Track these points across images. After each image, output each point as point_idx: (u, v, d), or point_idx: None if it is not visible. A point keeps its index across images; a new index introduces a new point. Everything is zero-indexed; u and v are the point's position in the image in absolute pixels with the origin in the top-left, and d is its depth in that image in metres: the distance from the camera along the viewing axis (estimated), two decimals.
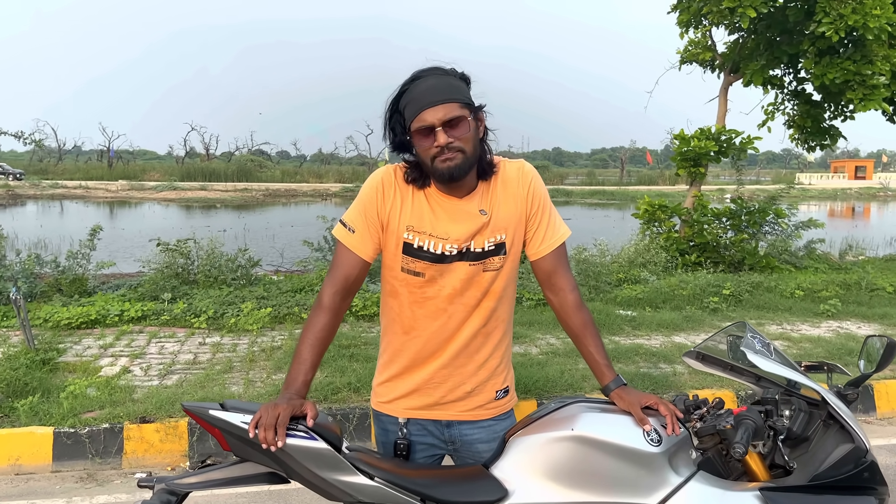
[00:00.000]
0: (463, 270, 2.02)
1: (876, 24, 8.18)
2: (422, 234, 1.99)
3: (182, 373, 5.38)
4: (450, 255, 1.99)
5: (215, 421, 1.84)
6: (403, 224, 2.00)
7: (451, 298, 2.03)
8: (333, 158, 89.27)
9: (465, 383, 2.10)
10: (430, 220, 2.00)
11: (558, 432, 1.89)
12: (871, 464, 1.93)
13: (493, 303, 2.08)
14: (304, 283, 8.25)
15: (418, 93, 1.88)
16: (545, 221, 2.10)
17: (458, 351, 2.07)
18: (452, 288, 2.02)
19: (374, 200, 2.01)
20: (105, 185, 53.88)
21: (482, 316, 2.07)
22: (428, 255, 1.99)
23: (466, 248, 2.01)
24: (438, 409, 2.11)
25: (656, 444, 1.87)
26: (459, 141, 1.89)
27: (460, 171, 1.92)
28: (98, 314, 6.75)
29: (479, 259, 2.02)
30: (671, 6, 11.03)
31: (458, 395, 2.11)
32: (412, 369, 2.10)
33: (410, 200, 2.02)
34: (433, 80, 1.89)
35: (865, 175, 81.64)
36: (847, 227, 26.36)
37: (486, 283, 2.05)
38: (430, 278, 2.02)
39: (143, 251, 10.75)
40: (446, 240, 1.99)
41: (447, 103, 1.87)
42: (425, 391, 2.10)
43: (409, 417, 2.12)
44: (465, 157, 1.91)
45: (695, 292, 7.94)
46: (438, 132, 1.86)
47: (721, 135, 10.38)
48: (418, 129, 1.88)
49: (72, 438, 4.28)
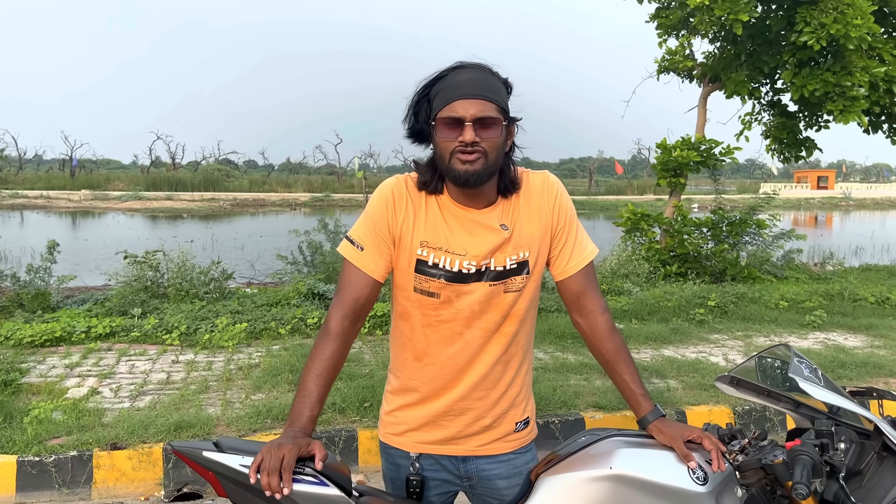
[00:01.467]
0: (482, 291, 1.82)
1: (856, 34, 8.20)
2: (437, 249, 1.79)
3: (155, 393, 5.08)
4: (467, 273, 1.79)
5: (210, 464, 1.62)
6: (417, 239, 1.80)
7: (469, 322, 1.83)
8: (302, 168, 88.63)
9: (483, 417, 1.90)
10: (445, 234, 1.80)
11: (595, 471, 1.69)
12: None
13: (515, 327, 1.88)
14: (279, 297, 7.97)
15: (456, 82, 1.69)
16: (572, 238, 1.91)
17: (476, 381, 1.87)
18: (470, 310, 1.82)
19: (385, 214, 1.80)
20: (67, 194, 52.72)
21: (502, 342, 1.87)
22: (443, 274, 1.79)
23: (486, 267, 1.81)
24: (454, 444, 1.91)
25: (702, 482, 1.69)
26: (486, 143, 1.70)
27: (478, 177, 1.72)
28: (63, 331, 6.41)
29: (500, 279, 1.82)
30: (650, 15, 11.00)
31: (475, 430, 1.90)
32: (425, 400, 1.89)
33: (424, 212, 1.81)
34: (475, 73, 1.71)
35: (827, 185, 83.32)
36: (813, 235, 26.73)
37: (506, 306, 1.85)
38: (446, 299, 1.81)
39: (108, 263, 10.37)
40: (464, 256, 1.79)
41: (484, 100, 1.69)
42: (440, 424, 1.89)
43: (421, 452, 1.90)
44: (485, 163, 1.72)
45: (680, 304, 7.83)
46: (467, 127, 1.67)
47: (701, 145, 10.34)
48: (445, 119, 1.69)
49: (37, 467, 3.98)
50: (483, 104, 1.69)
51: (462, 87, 1.69)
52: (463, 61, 1.74)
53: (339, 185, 66.25)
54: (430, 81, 1.74)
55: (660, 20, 10.58)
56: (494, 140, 1.72)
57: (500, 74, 1.76)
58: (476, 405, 1.88)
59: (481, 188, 1.79)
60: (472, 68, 1.72)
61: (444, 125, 1.70)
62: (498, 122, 1.71)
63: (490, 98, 1.70)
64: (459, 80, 1.70)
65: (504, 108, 1.74)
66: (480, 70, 1.73)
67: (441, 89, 1.71)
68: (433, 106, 1.72)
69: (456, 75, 1.71)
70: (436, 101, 1.72)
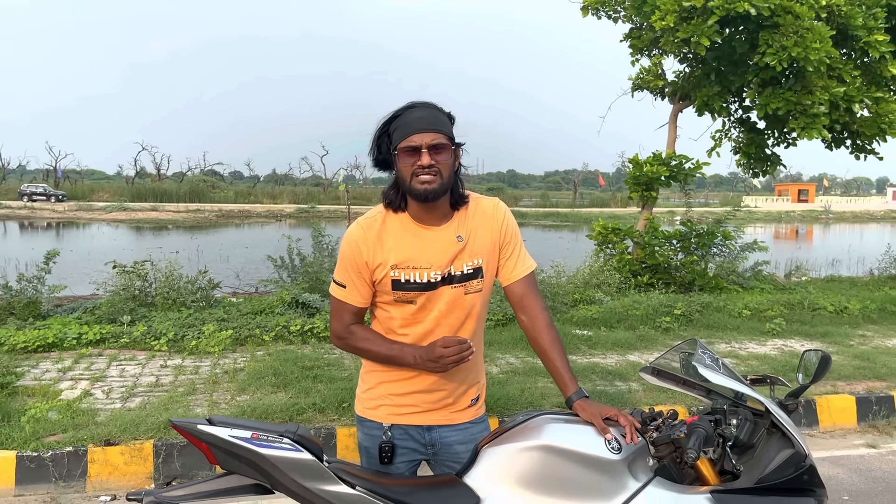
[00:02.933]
0: (448, 294, 2.20)
1: (816, 57, 8.64)
2: (406, 268, 2.17)
3: (145, 395, 5.37)
4: (435, 281, 2.17)
5: (203, 435, 1.93)
6: (388, 265, 2.17)
7: (438, 320, 2.22)
8: (288, 179, 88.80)
9: (448, 396, 2.28)
10: (412, 253, 2.17)
11: (527, 442, 2.03)
12: (811, 467, 2.11)
13: (474, 324, 2.28)
14: (263, 306, 8.26)
15: (411, 119, 2.09)
16: (517, 252, 2.32)
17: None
18: (439, 311, 2.21)
19: (355, 255, 2.19)
20: (52, 205, 52.65)
21: (466, 336, 2.25)
22: (416, 286, 2.17)
23: (448, 273, 2.19)
24: (421, 416, 2.27)
25: (617, 451, 2.03)
26: (439, 165, 2.09)
27: (435, 193, 2.11)
28: (55, 337, 6.67)
29: (461, 282, 2.21)
30: (623, 35, 11.45)
31: (440, 405, 2.28)
32: (398, 381, 2.26)
33: (393, 236, 2.19)
34: (426, 111, 2.11)
35: (808, 198, 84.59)
36: (791, 248, 27.30)
37: (468, 306, 2.24)
38: (421, 305, 2.20)
39: (94, 273, 10.59)
40: (429, 268, 2.17)
41: (435, 132, 2.08)
42: (411, 400, 2.26)
43: (392, 423, 2.25)
44: (441, 182, 2.11)
45: (647, 312, 8.20)
46: (423, 153, 2.06)
47: (672, 160, 10.77)
48: (405, 148, 2.08)
49: (35, 462, 4.25)
50: (434, 135, 2.08)
51: (417, 123, 2.08)
52: (414, 102, 2.14)
53: (325, 196, 66.43)
54: (388, 119, 2.14)
55: (632, 41, 11.02)
56: (446, 162, 2.12)
57: (443, 109, 2.17)
58: (443, 387, 2.26)
59: (436, 203, 2.17)
60: (422, 107, 2.13)
61: (404, 153, 2.09)
62: (447, 147, 2.12)
63: (440, 129, 2.10)
64: (414, 118, 2.09)
65: (450, 136, 2.14)
66: (429, 108, 2.13)
67: (399, 125, 2.10)
68: (393, 139, 2.12)
69: (410, 113, 2.10)
70: (395, 134, 2.11)
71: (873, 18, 9.31)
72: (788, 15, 8.81)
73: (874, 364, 6.57)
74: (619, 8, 11.12)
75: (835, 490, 4.45)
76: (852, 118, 9.87)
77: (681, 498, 2.04)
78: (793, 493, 2.11)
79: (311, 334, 7.14)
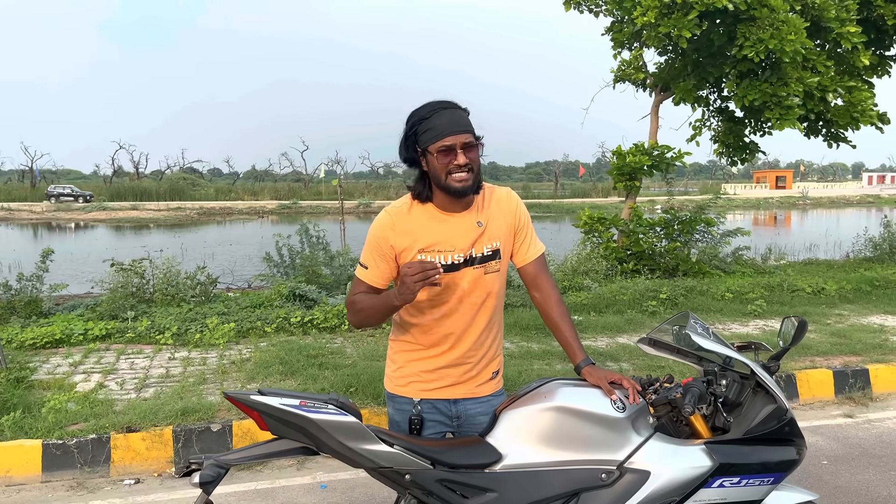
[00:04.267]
0: (470, 275, 2.44)
1: (791, 48, 8.97)
2: (433, 252, 2.40)
3: (157, 385, 5.59)
4: (458, 263, 2.41)
5: (256, 405, 2.16)
6: (416, 248, 2.40)
7: (461, 299, 2.45)
8: (268, 175, 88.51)
9: (471, 370, 2.52)
10: (437, 238, 2.41)
11: (542, 404, 2.29)
12: (791, 420, 2.40)
13: (495, 301, 2.52)
14: (262, 299, 8.47)
15: (442, 121, 2.30)
16: (529, 236, 2.57)
17: (469, 345, 2.49)
18: (462, 290, 2.44)
19: (388, 234, 2.41)
20: (29, 206, 52.20)
21: (487, 314, 2.50)
22: (443, 268, 2.38)
23: (470, 256, 2.43)
24: (448, 390, 2.51)
25: (621, 410, 2.30)
26: (472, 162, 2.33)
27: (470, 189, 2.37)
28: (62, 333, 6.86)
29: (482, 263, 2.45)
30: (605, 28, 11.74)
31: (464, 379, 2.52)
32: (428, 358, 2.50)
33: (419, 223, 2.42)
34: (454, 112, 2.34)
35: (786, 185, 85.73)
36: (770, 234, 27.85)
37: (488, 285, 2.47)
38: (445, 285, 2.43)
39: (83, 273, 10.72)
40: (453, 251, 2.41)
41: (466, 133, 2.31)
42: (438, 376, 2.50)
43: (421, 398, 2.50)
44: (474, 177, 2.36)
45: (634, 297, 8.51)
46: (459, 153, 2.30)
47: (654, 150, 11.09)
48: (441, 149, 2.30)
49: (60, 449, 4.46)
50: (466, 136, 2.32)
51: (448, 125, 2.30)
52: (442, 102, 2.36)
53: (307, 192, 66.38)
54: (416, 121, 2.35)
55: (614, 34, 11.32)
56: (477, 159, 2.37)
57: (462, 106, 2.39)
58: (467, 361, 2.50)
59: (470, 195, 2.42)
60: (449, 108, 2.34)
61: (440, 154, 2.31)
62: (476, 146, 2.36)
63: (469, 130, 2.34)
64: (445, 120, 2.31)
65: (475, 133, 2.37)
66: (455, 108, 2.36)
67: (429, 127, 2.31)
68: (422, 140, 2.33)
69: (440, 116, 2.31)
70: (426, 136, 2.32)
71: (845, 10, 9.65)
72: (764, 8, 9.14)
73: (850, 340, 6.92)
74: (600, 2, 11.41)
75: (814, 456, 4.77)
76: (826, 108, 10.24)
77: (679, 449, 2.32)
78: (775, 443, 2.39)
79: (311, 325, 7.37)
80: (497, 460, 2.26)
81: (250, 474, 4.49)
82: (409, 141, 2.37)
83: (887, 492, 4.20)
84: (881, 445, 4.95)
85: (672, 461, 2.29)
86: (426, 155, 2.34)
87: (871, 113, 10.11)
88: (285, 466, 4.61)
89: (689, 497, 2.28)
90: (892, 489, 4.24)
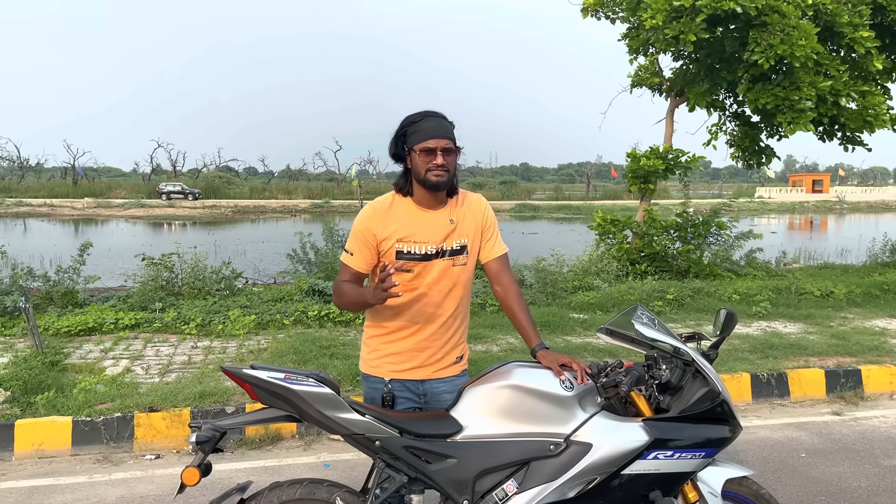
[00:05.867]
0: (440, 265, 2.77)
1: (801, 53, 9.12)
2: (409, 242, 2.74)
3: (179, 371, 6.00)
4: (430, 254, 2.75)
5: (247, 377, 2.50)
6: (395, 238, 2.73)
7: (430, 286, 2.78)
8: (302, 174, 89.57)
9: (436, 353, 2.84)
10: (414, 230, 2.74)
11: (499, 382, 2.60)
12: (723, 401, 2.67)
13: (461, 291, 2.85)
14: (283, 294, 8.88)
15: (428, 126, 2.66)
16: (495, 236, 2.92)
17: (435, 329, 2.81)
18: (431, 278, 2.77)
19: (371, 225, 2.75)
20: (71, 202, 53.57)
21: (453, 303, 2.82)
22: (416, 256, 2.73)
23: (441, 248, 2.76)
24: (415, 371, 2.83)
25: (569, 389, 2.60)
26: (448, 164, 2.68)
27: (444, 184, 2.71)
28: (95, 322, 7.33)
29: (451, 255, 2.78)
30: (621, 34, 11.96)
31: (430, 362, 2.84)
32: (398, 340, 2.82)
33: (400, 216, 2.76)
34: (439, 121, 2.70)
35: (822, 189, 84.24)
36: (802, 238, 27.66)
37: (455, 275, 2.81)
38: (417, 273, 2.76)
39: (117, 268, 11.24)
40: (427, 242, 2.75)
41: (446, 139, 2.67)
42: (407, 357, 2.82)
43: (392, 378, 2.82)
44: (448, 176, 2.70)
45: (642, 297, 8.74)
46: (438, 154, 2.64)
47: (668, 154, 11.28)
48: (423, 149, 2.65)
49: (88, 426, 4.89)
50: (447, 142, 2.67)
51: (433, 130, 2.66)
52: (427, 111, 2.71)
53: (339, 191, 67.10)
54: (406, 123, 2.70)
55: (629, 40, 11.53)
56: (453, 162, 2.72)
57: (448, 118, 2.74)
58: (433, 345, 2.82)
59: (440, 193, 2.75)
60: (436, 116, 2.70)
61: (423, 153, 2.66)
62: (454, 151, 2.71)
63: (449, 137, 2.69)
64: (430, 125, 2.66)
65: (455, 142, 2.72)
66: (441, 118, 2.71)
67: (417, 130, 2.67)
68: (410, 140, 2.68)
69: (427, 121, 2.67)
70: (413, 137, 2.67)
71: (858, 15, 9.75)
72: (775, 14, 9.29)
73: (847, 342, 7.09)
74: (616, 9, 11.63)
75: (794, 449, 4.99)
76: (840, 111, 10.33)
77: (620, 425, 2.61)
78: (710, 423, 2.67)
79: (327, 319, 7.74)
80: (458, 431, 2.58)
81: (260, 453, 4.87)
82: (398, 139, 2.72)
83: (857, 483, 4.42)
84: (861, 441, 5.15)
85: (613, 435, 2.58)
86: (411, 153, 2.68)
87: (884, 117, 10.18)
88: (293, 447, 4.98)
89: (626, 467, 2.57)
90: (862, 481, 4.45)
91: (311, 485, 2.60)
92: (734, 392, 5.94)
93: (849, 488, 4.34)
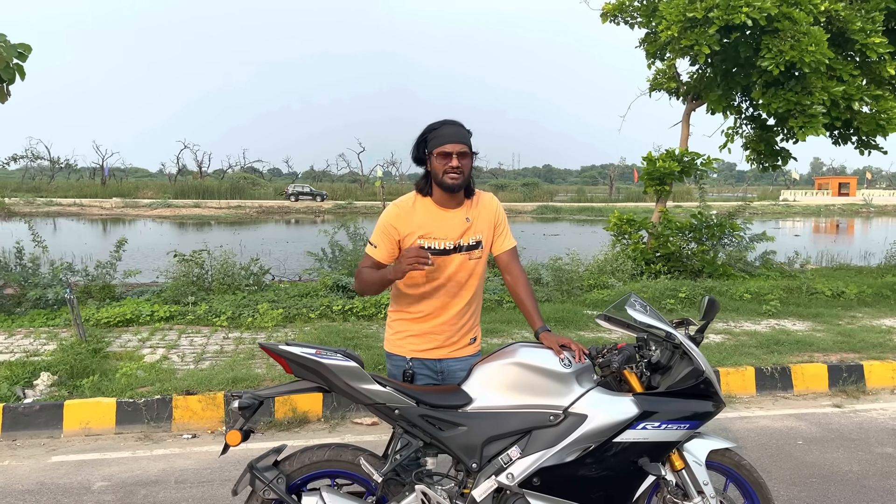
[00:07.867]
0: (458, 259, 3.11)
1: (811, 59, 9.34)
2: (429, 238, 3.07)
3: (212, 359, 6.39)
4: (449, 249, 3.08)
5: (283, 353, 2.86)
6: (417, 234, 3.07)
7: (449, 277, 3.12)
8: (325, 175, 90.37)
9: (452, 336, 3.18)
10: (433, 227, 3.08)
11: (505, 360, 2.94)
12: (707, 379, 2.97)
13: (476, 281, 3.19)
14: (308, 289, 9.26)
15: (446, 132, 2.99)
16: (505, 231, 3.26)
17: (452, 315, 3.15)
18: (450, 271, 3.11)
19: (395, 222, 3.08)
20: (99, 202, 54.62)
21: (469, 292, 3.17)
22: (436, 251, 3.06)
23: (458, 244, 3.10)
24: (434, 351, 3.17)
25: (568, 366, 2.92)
26: (463, 167, 3.00)
27: (459, 186, 3.04)
28: (132, 314, 7.76)
29: (467, 251, 3.12)
30: (639, 40, 12.22)
31: (447, 343, 3.18)
32: (419, 321, 3.16)
33: (421, 215, 3.09)
34: (456, 127, 3.03)
35: (849, 192, 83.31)
36: (825, 241, 27.61)
37: (470, 268, 3.15)
38: (437, 266, 3.09)
39: (147, 264, 11.70)
40: (445, 239, 3.08)
41: (462, 144, 2.99)
42: (427, 339, 3.16)
43: (413, 357, 3.16)
44: (463, 178, 3.03)
45: (654, 295, 9.01)
46: (454, 157, 2.97)
47: (684, 156, 11.52)
48: (441, 153, 2.97)
49: (131, 407, 5.29)
50: (462, 146, 2.99)
51: (450, 136, 2.99)
52: (447, 119, 3.04)
53: (362, 192, 67.67)
54: (428, 130, 3.04)
55: (647, 46, 11.80)
56: (468, 165, 3.04)
57: (465, 126, 3.07)
58: (449, 329, 3.16)
59: (456, 193, 3.08)
60: (453, 124, 3.03)
61: (440, 156, 2.99)
62: (469, 155, 3.04)
63: (465, 143, 3.01)
64: (448, 132, 2.99)
65: (471, 147, 3.04)
66: (458, 125, 3.04)
67: (436, 136, 3.00)
68: (430, 144, 3.01)
69: (446, 128, 3.00)
70: (432, 142, 3.00)
71: (871, 22, 9.93)
72: (787, 21, 9.51)
73: (853, 339, 7.31)
74: (635, 15, 11.90)
75: (792, 436, 5.26)
76: (853, 115, 10.51)
77: (613, 399, 2.93)
78: (695, 398, 2.98)
79: (351, 313, 8.11)
80: (468, 402, 2.91)
81: (288, 434, 5.23)
82: (420, 144, 3.06)
83: (849, 468, 4.68)
84: (858, 431, 5.40)
85: (606, 408, 2.90)
86: (430, 156, 3.01)
87: None
88: (319, 429, 5.34)
89: (618, 436, 2.88)
90: (853, 466, 4.71)
91: (338, 448, 2.95)
92: (739, 385, 6.21)
93: (840, 472, 4.61)
